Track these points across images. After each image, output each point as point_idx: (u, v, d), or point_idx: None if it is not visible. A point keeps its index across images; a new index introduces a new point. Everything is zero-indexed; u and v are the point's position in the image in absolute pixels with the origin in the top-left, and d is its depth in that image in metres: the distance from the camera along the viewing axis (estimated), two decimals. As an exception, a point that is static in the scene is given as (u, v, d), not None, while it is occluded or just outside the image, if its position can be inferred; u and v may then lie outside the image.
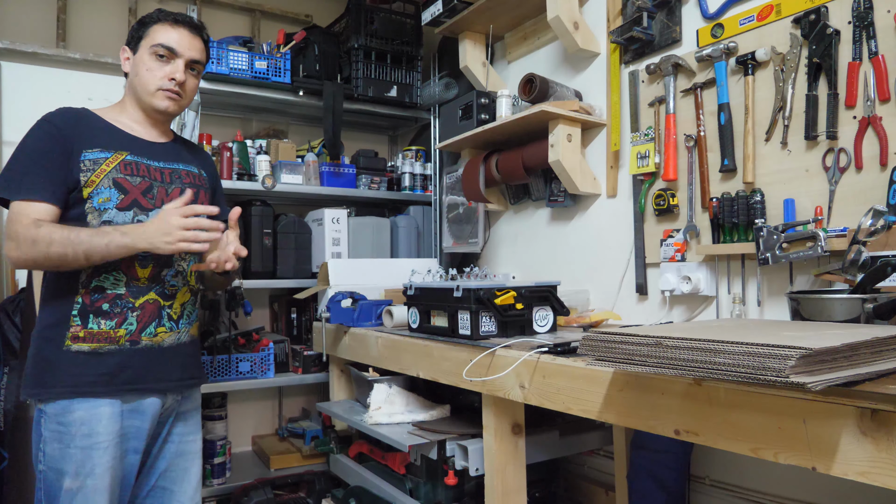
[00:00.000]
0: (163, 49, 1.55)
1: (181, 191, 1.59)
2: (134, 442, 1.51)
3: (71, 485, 1.41)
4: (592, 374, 1.26)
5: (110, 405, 1.46)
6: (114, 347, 1.48)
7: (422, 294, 1.87)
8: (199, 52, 1.61)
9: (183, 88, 1.59)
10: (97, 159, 1.49)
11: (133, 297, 1.50)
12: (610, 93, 2.18)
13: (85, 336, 1.46)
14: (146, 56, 1.55)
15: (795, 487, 1.71)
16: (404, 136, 3.54)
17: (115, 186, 1.49)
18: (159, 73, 1.55)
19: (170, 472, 1.61)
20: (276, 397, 3.15)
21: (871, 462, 0.84)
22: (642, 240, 2.05)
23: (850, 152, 1.52)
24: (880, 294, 1.22)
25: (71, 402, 1.43)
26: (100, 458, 1.43)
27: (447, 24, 2.64)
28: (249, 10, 3.14)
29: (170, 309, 1.57)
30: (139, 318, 1.51)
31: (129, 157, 1.53)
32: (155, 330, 1.53)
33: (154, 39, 1.55)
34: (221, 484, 2.57)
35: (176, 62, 1.56)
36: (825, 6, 1.57)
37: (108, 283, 1.49)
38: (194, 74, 1.62)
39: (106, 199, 1.48)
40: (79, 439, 1.43)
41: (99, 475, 1.43)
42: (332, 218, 2.78)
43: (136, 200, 1.52)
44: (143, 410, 1.52)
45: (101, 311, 1.47)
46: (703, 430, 1.06)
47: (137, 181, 1.53)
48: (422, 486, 1.89)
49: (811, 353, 0.84)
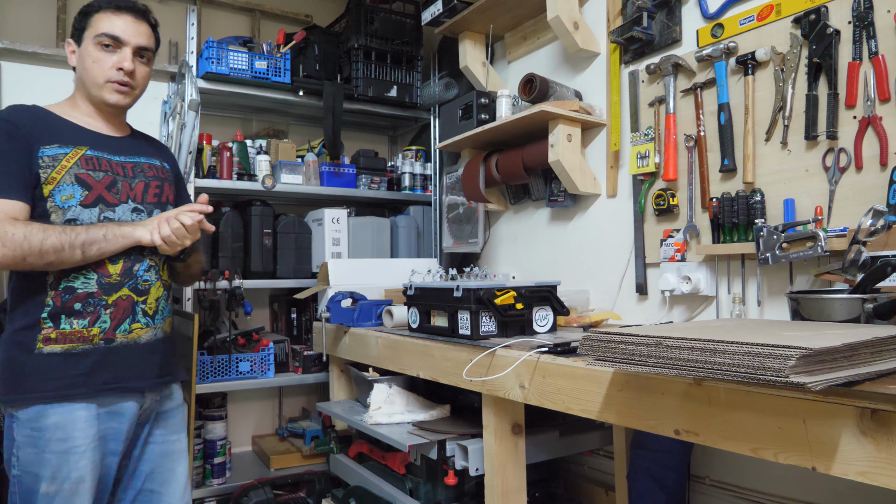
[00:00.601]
0: (107, 38, 1.48)
1: (145, 184, 1.56)
2: (112, 444, 1.47)
3: (48, 489, 1.37)
4: (592, 374, 1.26)
5: (86, 409, 1.41)
6: (88, 347, 1.43)
7: (422, 294, 1.87)
8: (146, 38, 1.54)
9: (133, 78, 1.52)
10: (56, 155, 1.43)
11: (105, 295, 1.45)
12: (610, 93, 2.18)
13: (57, 337, 1.41)
14: (91, 47, 1.49)
15: (795, 487, 1.71)
16: (404, 136, 3.54)
17: (78, 182, 1.44)
18: (106, 64, 1.49)
19: (156, 475, 1.57)
20: (276, 397, 3.15)
21: (871, 462, 0.84)
22: (642, 240, 2.05)
23: (850, 152, 1.52)
24: (880, 294, 1.22)
25: (45, 407, 1.38)
26: (77, 463, 1.39)
27: (447, 24, 2.64)
28: (249, 10, 3.14)
29: (144, 304, 1.51)
30: (112, 316, 1.46)
31: (89, 151, 1.48)
32: (130, 326, 1.48)
33: (97, 29, 1.48)
34: (221, 484, 2.57)
35: (123, 51, 1.50)
36: (825, 6, 1.57)
37: (77, 282, 1.43)
38: (144, 62, 1.55)
39: (69, 196, 1.43)
40: (54, 444, 1.38)
41: (77, 479, 1.39)
42: (332, 218, 2.78)
43: (101, 196, 1.47)
44: (120, 412, 1.48)
45: (72, 310, 1.42)
46: (703, 430, 1.06)
47: (100, 176, 1.48)
48: (422, 486, 1.89)
49: (811, 353, 0.84)
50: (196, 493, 2.49)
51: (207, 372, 2.50)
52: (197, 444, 2.53)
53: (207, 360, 2.50)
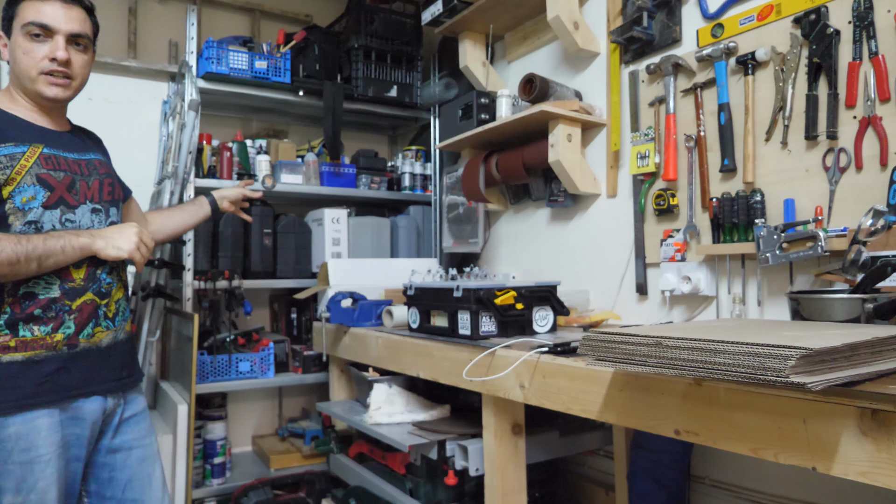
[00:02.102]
0: (36, 27, 1.37)
1: (100, 183, 1.50)
2: (75, 450, 1.41)
3: (13, 500, 1.31)
4: (592, 374, 1.26)
5: (48, 415, 1.35)
6: (51, 353, 1.36)
7: (422, 294, 1.87)
8: (79, 24, 1.42)
9: (70, 68, 1.41)
10: (13, 154, 1.34)
11: (69, 300, 1.38)
12: (610, 93, 2.18)
13: (17, 345, 1.33)
14: (20, 38, 1.38)
15: (795, 487, 1.71)
16: (404, 136, 3.54)
17: (41, 183, 1.36)
18: (38, 55, 1.38)
19: (134, 482, 1.52)
20: (276, 397, 3.15)
21: (871, 462, 0.84)
22: (642, 240, 2.05)
23: (850, 152, 1.52)
24: (880, 294, 1.22)
25: (5, 419, 1.31)
26: (42, 472, 1.33)
27: (447, 24, 2.64)
28: (249, 10, 3.14)
29: (106, 307, 1.46)
30: (77, 321, 1.39)
31: (46, 150, 1.39)
32: (92, 330, 1.42)
33: (24, 18, 1.38)
34: (221, 484, 2.57)
35: (55, 39, 1.38)
36: (825, 6, 1.57)
37: (38, 288, 1.35)
38: (80, 49, 1.44)
39: (30, 198, 1.34)
40: (17, 454, 1.31)
41: (42, 489, 1.33)
42: (332, 218, 2.78)
43: (62, 197, 1.39)
44: (82, 417, 1.41)
45: (32, 316, 1.34)
46: (703, 430, 1.06)
47: (61, 176, 1.40)
48: (422, 486, 1.89)
49: (811, 353, 0.84)
50: (196, 493, 2.49)
51: (207, 372, 2.50)
52: (197, 444, 2.52)
53: (207, 360, 2.50)
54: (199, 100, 2.45)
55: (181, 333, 2.49)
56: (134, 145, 2.79)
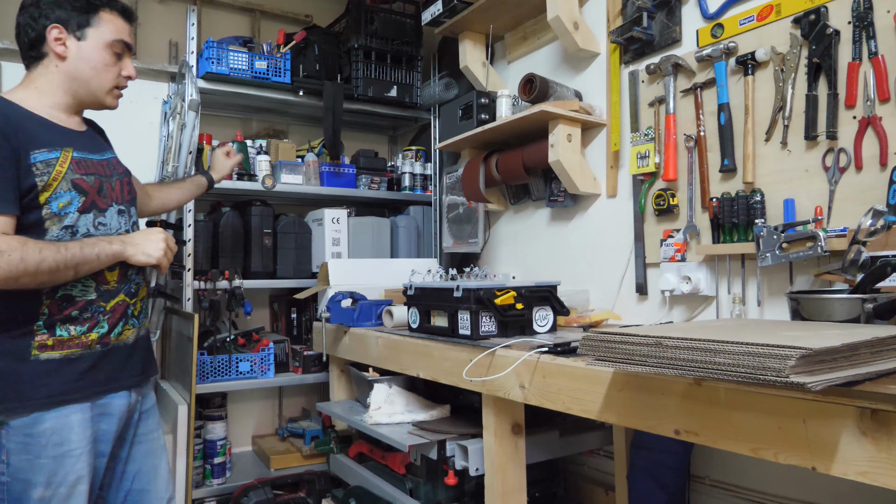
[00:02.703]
0: (121, 45, 1.47)
1: (121, 183, 1.54)
2: (102, 446, 1.47)
3: (44, 493, 1.35)
4: (592, 374, 1.26)
5: (81, 411, 1.40)
6: (86, 352, 1.42)
7: (422, 294, 1.87)
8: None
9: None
10: (48, 160, 1.36)
11: (104, 301, 1.45)
12: (610, 93, 2.18)
13: (54, 344, 1.38)
14: (102, 52, 1.45)
15: (795, 487, 1.71)
16: (404, 136, 3.54)
17: (76, 189, 1.40)
18: (115, 72, 1.48)
19: (142, 474, 1.58)
20: (276, 397, 3.15)
21: (871, 462, 0.84)
22: (642, 240, 2.05)
23: (850, 152, 1.52)
24: (880, 294, 1.22)
25: (41, 414, 1.35)
26: (73, 466, 1.38)
27: (447, 24, 2.64)
28: (249, 10, 3.14)
29: (133, 307, 1.53)
30: (110, 321, 1.46)
31: (75, 153, 1.43)
32: (122, 329, 1.49)
33: (110, 33, 1.45)
34: (221, 484, 2.57)
35: (128, 59, 1.50)
36: (825, 6, 1.57)
37: (76, 290, 1.41)
38: None
39: (67, 203, 1.38)
40: (50, 449, 1.36)
41: (72, 483, 1.37)
42: (332, 218, 2.78)
43: (94, 201, 1.44)
44: (111, 412, 1.48)
45: (70, 317, 1.40)
46: (703, 430, 1.06)
47: (91, 180, 1.44)
48: (422, 486, 1.89)
49: (811, 353, 0.84)
50: (196, 493, 2.49)
51: (207, 372, 2.50)
52: (197, 444, 2.52)
53: (207, 360, 2.50)
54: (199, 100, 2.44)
55: (181, 333, 2.48)
56: (134, 145, 2.77)
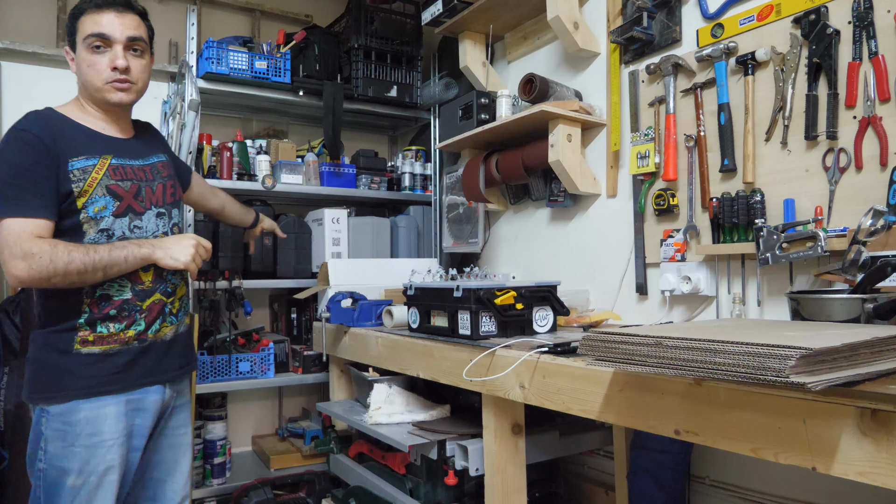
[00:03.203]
0: (96, 39, 1.46)
1: (163, 186, 1.61)
2: (136, 440, 1.53)
3: (75, 481, 1.42)
4: (592, 374, 1.26)
5: (115, 403, 1.47)
6: (124, 348, 1.50)
7: (422, 294, 1.87)
8: (134, 29, 1.50)
9: (129, 73, 1.50)
10: (85, 168, 1.44)
11: (140, 301, 1.52)
12: (610, 93, 2.18)
13: (94, 340, 1.46)
14: (83, 52, 1.47)
15: (795, 487, 1.71)
16: (404, 136, 3.54)
17: (110, 194, 1.47)
18: (101, 66, 1.47)
19: (161, 465, 1.64)
20: (276, 397, 3.15)
21: (871, 462, 0.84)
22: (642, 240, 2.05)
23: (850, 152, 1.52)
24: (880, 294, 1.22)
25: (79, 402, 1.43)
26: (104, 456, 1.44)
27: (447, 24, 2.64)
28: (249, 10, 3.14)
29: (171, 305, 1.60)
30: (147, 319, 1.54)
31: (114, 160, 1.50)
32: (160, 326, 1.57)
33: (84, 31, 1.46)
34: (221, 484, 2.57)
35: (114, 48, 1.47)
36: (825, 6, 1.57)
37: (113, 290, 1.49)
38: (137, 55, 1.52)
39: (102, 208, 1.46)
40: (84, 438, 1.43)
41: (103, 472, 1.44)
42: (332, 218, 2.78)
43: (130, 206, 1.51)
44: (146, 407, 1.54)
45: (108, 316, 1.48)
46: (703, 430, 1.06)
47: (128, 185, 1.51)
48: (422, 486, 1.89)
49: (811, 353, 0.84)
50: (196, 493, 2.48)
51: (207, 372, 2.50)
52: (197, 444, 2.52)
53: (207, 360, 2.50)
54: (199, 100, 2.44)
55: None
56: (134, 145, 2.78)
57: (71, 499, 1.42)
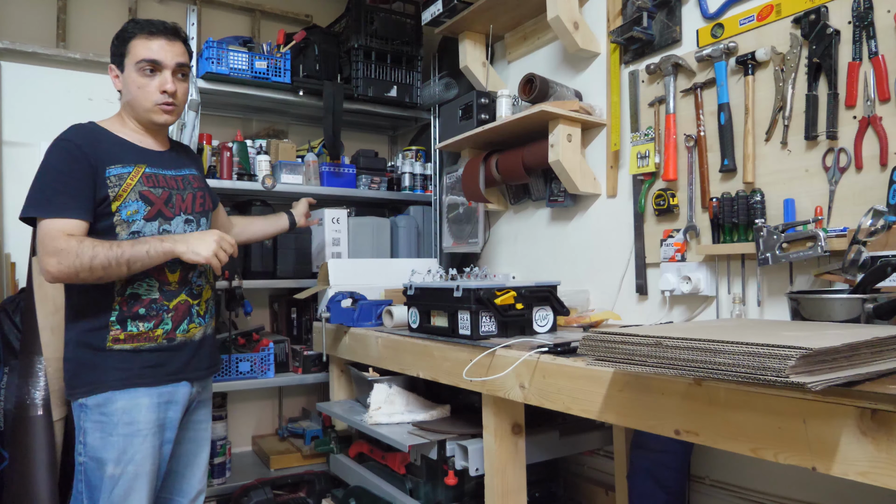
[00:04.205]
0: (148, 64, 1.58)
1: (193, 196, 1.71)
2: (168, 433, 1.61)
3: (113, 471, 1.50)
4: (592, 374, 1.26)
5: (148, 395, 1.56)
6: (153, 345, 1.59)
7: (422, 294, 1.87)
8: (181, 56, 1.64)
9: (175, 97, 1.63)
10: (121, 174, 1.56)
11: (167, 300, 1.61)
12: (610, 93, 2.18)
13: (125, 338, 1.56)
14: (134, 74, 1.59)
15: (795, 487, 1.71)
16: (404, 136, 3.54)
17: (142, 199, 1.58)
18: (151, 88, 1.59)
19: (181, 457, 1.72)
20: (276, 397, 3.15)
21: (871, 462, 0.84)
22: (642, 240, 2.05)
23: (850, 152, 1.52)
24: (880, 294, 1.22)
25: (114, 392, 1.52)
26: (140, 445, 1.53)
27: (447, 24, 2.64)
28: (249, 10, 3.14)
29: (198, 307, 1.68)
30: (173, 319, 1.62)
31: (148, 169, 1.61)
32: (188, 327, 1.65)
33: (136, 56, 1.58)
34: (221, 484, 2.57)
35: (163, 74, 1.60)
36: (825, 6, 1.57)
37: (142, 289, 1.58)
38: (182, 79, 1.65)
39: (134, 212, 1.57)
40: (121, 427, 1.52)
41: (139, 461, 1.52)
42: (332, 218, 2.78)
43: (160, 211, 1.61)
44: (176, 400, 1.62)
45: (138, 315, 1.57)
46: (703, 430, 1.06)
47: (159, 192, 1.62)
48: (422, 486, 1.89)
49: (811, 353, 0.84)
50: (196, 493, 2.48)
51: (207, 372, 2.50)
52: (197, 444, 2.52)
53: (207, 360, 2.50)
54: (199, 100, 2.45)
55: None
56: (134, 145, 2.78)
57: (110, 489, 1.49)
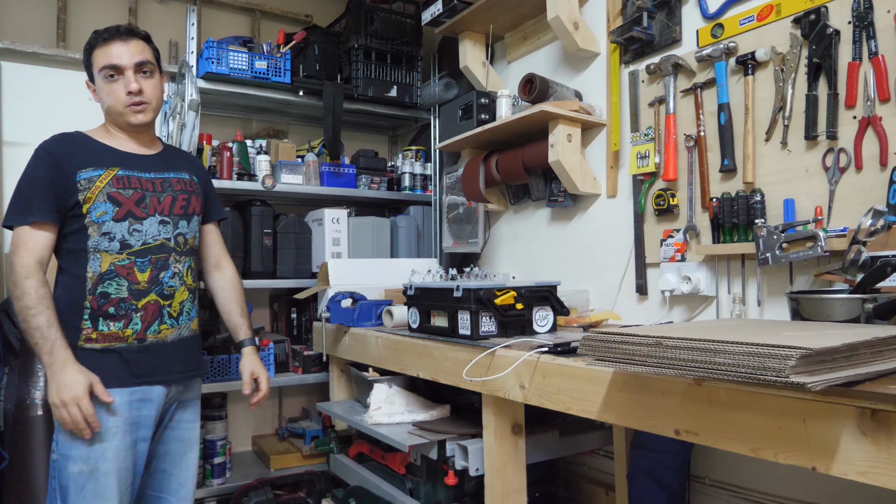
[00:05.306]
0: (109, 70, 1.62)
1: (173, 198, 1.70)
2: (143, 431, 1.61)
3: (81, 468, 1.51)
4: (592, 374, 1.26)
5: (119, 395, 1.56)
6: (123, 346, 1.59)
7: (422, 294, 1.87)
8: (139, 54, 1.64)
9: (143, 95, 1.65)
10: (91, 178, 1.59)
11: (135, 300, 1.61)
12: (610, 93, 2.18)
13: (97, 337, 1.57)
14: (101, 82, 1.64)
15: (795, 487, 1.71)
16: (404, 136, 3.54)
17: (110, 200, 1.60)
18: (118, 92, 1.63)
19: (168, 456, 1.72)
20: (276, 397, 3.15)
21: (871, 462, 0.84)
22: (642, 240, 2.05)
23: (850, 152, 1.52)
24: (880, 294, 1.22)
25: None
26: (109, 443, 1.53)
27: (447, 24, 2.64)
28: (249, 10, 3.14)
29: (169, 308, 1.67)
30: (143, 318, 1.62)
31: (120, 171, 1.63)
32: (158, 328, 1.64)
33: (99, 64, 1.63)
34: (221, 484, 2.57)
35: (126, 75, 1.62)
36: (825, 6, 1.57)
37: (111, 288, 1.59)
38: (147, 76, 1.66)
39: (103, 213, 1.59)
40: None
41: (110, 458, 1.53)
42: (332, 218, 2.78)
43: (130, 211, 1.62)
44: (151, 399, 1.62)
45: (108, 314, 1.58)
46: (703, 430, 1.06)
47: (129, 193, 1.63)
48: (422, 486, 1.89)
49: (811, 353, 0.84)
50: (196, 493, 2.47)
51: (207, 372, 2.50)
52: (197, 444, 2.52)
53: (207, 360, 2.50)
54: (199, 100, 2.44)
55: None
56: (134, 145, 2.78)
57: (81, 486, 1.50)
